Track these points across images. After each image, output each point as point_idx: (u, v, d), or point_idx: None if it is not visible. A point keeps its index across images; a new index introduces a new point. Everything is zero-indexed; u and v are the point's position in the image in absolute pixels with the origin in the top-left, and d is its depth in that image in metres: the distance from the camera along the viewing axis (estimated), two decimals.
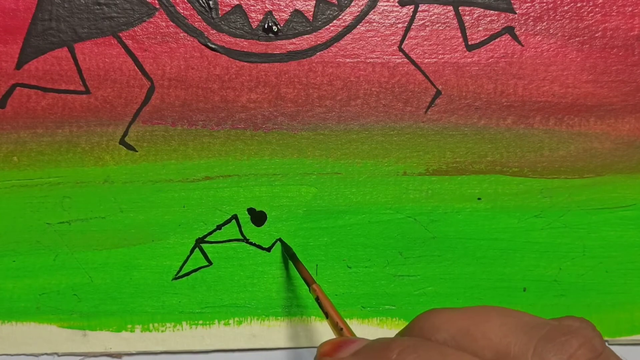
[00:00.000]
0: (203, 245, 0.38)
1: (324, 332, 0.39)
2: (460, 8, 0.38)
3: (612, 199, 0.39)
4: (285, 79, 0.37)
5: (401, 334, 0.27)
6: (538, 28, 0.38)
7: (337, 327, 0.30)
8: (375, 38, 0.38)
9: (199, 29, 0.37)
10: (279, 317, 0.38)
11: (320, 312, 0.38)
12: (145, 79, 0.37)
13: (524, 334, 0.24)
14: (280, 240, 0.38)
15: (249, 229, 0.38)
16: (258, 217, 0.38)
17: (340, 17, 0.37)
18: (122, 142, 0.37)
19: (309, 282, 0.34)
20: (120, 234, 0.37)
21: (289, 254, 0.37)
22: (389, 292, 0.39)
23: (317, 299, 0.33)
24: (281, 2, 0.37)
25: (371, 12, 0.37)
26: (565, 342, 0.23)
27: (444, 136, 0.38)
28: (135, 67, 0.37)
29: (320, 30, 0.37)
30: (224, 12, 0.37)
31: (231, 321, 0.38)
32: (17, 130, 0.36)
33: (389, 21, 0.38)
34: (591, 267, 0.40)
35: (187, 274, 0.38)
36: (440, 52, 0.38)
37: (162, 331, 0.38)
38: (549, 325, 0.24)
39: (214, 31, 0.37)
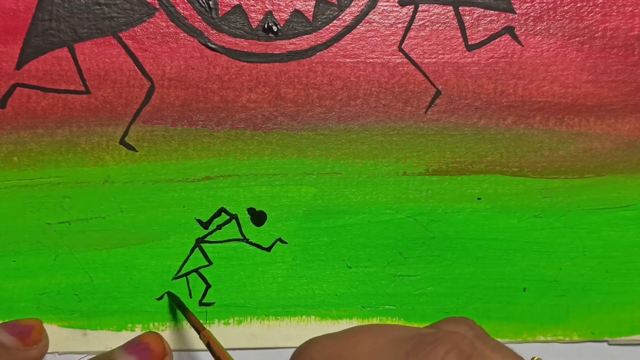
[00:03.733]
0: (203, 245, 0.38)
1: (323, 332, 0.39)
2: (460, 8, 0.38)
3: (612, 199, 0.39)
4: (285, 79, 0.37)
5: None
6: (538, 28, 0.38)
7: None
8: (375, 38, 0.38)
9: (199, 29, 0.37)
10: (279, 317, 0.39)
11: (320, 312, 0.39)
12: (145, 79, 0.37)
13: (394, 350, 0.24)
14: (168, 293, 0.38)
15: (249, 229, 0.38)
16: (258, 217, 0.38)
17: (340, 17, 0.37)
18: (122, 142, 0.37)
19: (199, 329, 0.34)
20: (121, 234, 0.37)
21: (176, 304, 0.37)
22: (389, 292, 0.39)
23: (208, 345, 0.33)
24: (281, 2, 0.37)
25: (371, 12, 0.37)
26: (431, 350, 0.23)
27: (444, 136, 0.38)
28: (135, 67, 0.37)
29: (320, 30, 0.37)
30: (224, 12, 0.37)
31: (231, 321, 0.38)
32: (17, 130, 0.36)
33: (389, 21, 0.38)
34: (591, 267, 0.40)
35: (187, 274, 0.38)
36: (440, 52, 0.38)
37: (162, 330, 0.38)
38: (417, 337, 0.24)
39: (214, 31, 0.37)
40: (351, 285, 0.39)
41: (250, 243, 0.38)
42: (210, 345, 0.32)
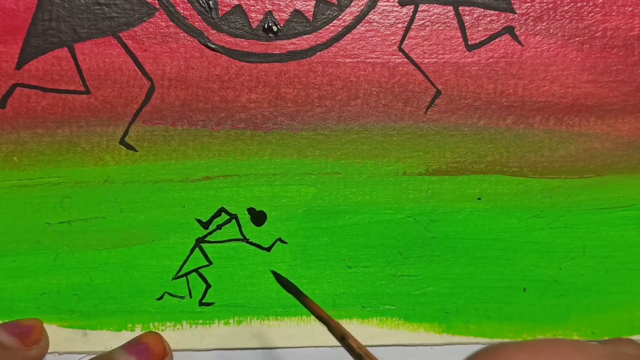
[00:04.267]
0: (203, 245, 0.38)
1: (323, 331, 0.39)
2: (460, 8, 0.38)
3: (612, 199, 0.39)
4: (285, 79, 0.37)
5: None
6: (538, 28, 0.38)
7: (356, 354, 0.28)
8: (375, 38, 0.38)
9: (199, 29, 0.37)
10: (279, 317, 0.39)
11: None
12: (145, 79, 0.37)
13: None
14: (281, 278, 0.34)
15: (249, 229, 0.38)
16: (258, 217, 0.38)
17: (340, 17, 0.37)
18: (122, 142, 0.37)
19: (326, 320, 0.30)
20: (121, 233, 0.37)
21: (294, 294, 0.33)
22: (389, 292, 0.39)
23: (342, 339, 0.29)
24: (281, 2, 0.37)
25: (371, 12, 0.37)
26: None
27: (444, 136, 0.38)
28: (135, 67, 0.37)
29: (320, 30, 0.37)
30: (224, 12, 0.37)
31: (231, 321, 0.38)
32: (17, 130, 0.36)
33: (389, 21, 0.38)
34: (591, 267, 0.40)
35: (187, 274, 0.38)
36: (440, 52, 0.38)
37: (162, 330, 0.38)
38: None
39: (214, 31, 0.37)
40: (351, 285, 0.39)
41: (250, 243, 0.38)
42: (346, 339, 0.28)
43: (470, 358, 0.25)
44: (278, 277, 0.34)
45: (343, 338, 0.28)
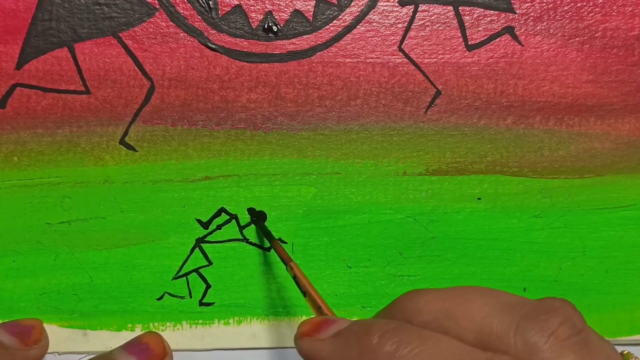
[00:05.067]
0: (203, 245, 0.38)
1: None
2: (460, 8, 0.38)
3: (612, 199, 0.39)
4: (285, 79, 0.37)
5: (383, 314, 0.27)
6: (538, 28, 0.38)
7: (316, 306, 0.30)
8: (375, 38, 0.38)
9: (199, 29, 0.37)
10: (279, 317, 0.39)
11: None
12: (145, 79, 0.37)
13: (506, 313, 0.24)
14: (255, 222, 0.37)
15: (249, 229, 0.38)
16: (258, 217, 0.38)
17: (340, 17, 0.37)
18: (122, 142, 0.37)
19: (285, 260, 0.34)
20: (121, 234, 0.37)
21: (264, 233, 0.37)
22: (389, 292, 0.39)
23: (295, 277, 0.32)
24: (281, 2, 0.37)
25: (371, 12, 0.37)
26: (547, 320, 0.23)
27: (444, 136, 0.38)
28: (135, 67, 0.37)
29: (320, 30, 0.37)
30: (224, 12, 0.37)
31: (231, 321, 0.38)
32: (17, 130, 0.36)
33: (389, 21, 0.38)
34: (591, 267, 0.40)
35: (187, 274, 0.38)
36: (440, 52, 0.38)
37: (162, 330, 0.38)
38: (530, 304, 0.24)
39: (214, 31, 0.37)
40: (351, 285, 0.39)
41: (250, 243, 0.38)
42: (297, 277, 0.32)
43: (392, 301, 0.26)
44: (258, 224, 0.37)
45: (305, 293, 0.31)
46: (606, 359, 0.23)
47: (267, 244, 0.38)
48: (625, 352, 0.26)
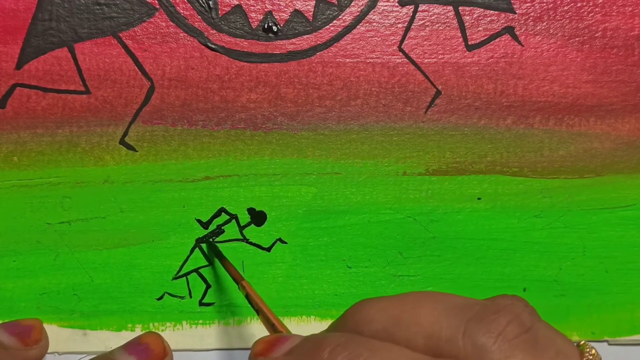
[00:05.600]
0: (203, 245, 0.38)
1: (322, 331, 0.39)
2: (460, 8, 0.38)
3: (612, 199, 0.39)
4: (285, 79, 0.37)
5: (334, 326, 0.27)
6: (538, 28, 0.38)
7: (270, 323, 0.31)
8: (375, 38, 0.38)
9: (199, 29, 0.37)
10: (279, 317, 0.38)
11: (320, 311, 0.39)
12: (145, 79, 0.37)
13: (454, 316, 0.24)
14: (206, 241, 0.38)
15: (249, 229, 0.38)
16: (258, 217, 0.38)
17: (340, 17, 0.37)
18: (122, 142, 0.37)
19: (237, 279, 0.34)
20: (121, 234, 0.37)
21: (215, 253, 0.37)
22: (389, 292, 0.39)
23: (247, 296, 0.33)
24: (281, 2, 0.37)
25: (371, 12, 0.37)
26: (494, 320, 0.23)
27: (444, 136, 0.38)
28: (135, 67, 0.37)
29: (320, 30, 0.37)
30: (224, 12, 0.37)
31: (231, 321, 0.38)
32: (17, 130, 0.36)
33: (389, 21, 0.38)
34: (591, 267, 0.40)
35: (187, 274, 0.38)
36: (440, 52, 0.38)
37: (162, 330, 0.38)
38: (478, 305, 0.24)
39: (214, 31, 0.37)
40: (351, 285, 0.39)
41: (250, 243, 0.38)
42: (249, 296, 0.32)
43: (343, 313, 0.26)
44: (209, 244, 0.38)
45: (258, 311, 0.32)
46: (557, 354, 0.23)
47: (267, 244, 0.38)
48: (582, 343, 0.26)
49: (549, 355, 0.23)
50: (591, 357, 0.25)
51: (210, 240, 0.38)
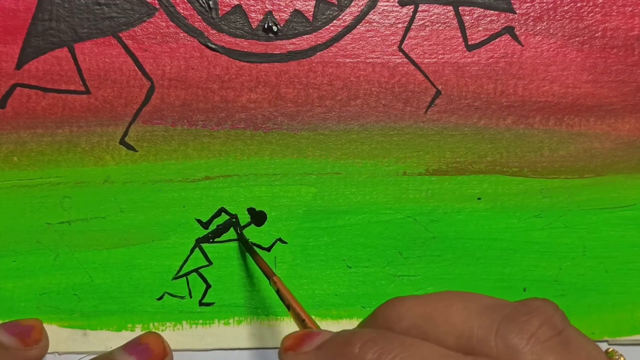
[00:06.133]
0: (203, 245, 0.38)
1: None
2: (460, 8, 0.38)
3: (612, 199, 0.39)
4: (285, 79, 0.37)
5: (365, 323, 0.27)
6: (538, 28, 0.38)
7: (300, 319, 0.30)
8: (375, 38, 0.38)
9: (199, 29, 0.37)
10: (279, 317, 0.39)
11: (320, 311, 0.39)
12: (145, 79, 0.37)
13: (486, 316, 0.24)
14: (237, 232, 0.38)
15: (249, 229, 0.38)
16: (258, 217, 0.38)
17: (340, 17, 0.37)
18: (122, 142, 0.37)
19: (268, 274, 0.34)
20: (121, 234, 0.37)
21: (247, 247, 0.37)
22: (389, 292, 0.39)
23: (278, 292, 0.33)
24: (281, 2, 0.37)
25: (371, 12, 0.37)
26: (527, 321, 0.23)
27: (444, 136, 0.38)
28: (135, 67, 0.37)
29: (320, 30, 0.37)
30: (224, 12, 0.37)
31: (231, 321, 0.38)
32: (17, 130, 0.36)
33: (389, 21, 0.38)
34: (591, 267, 0.40)
35: (187, 274, 0.38)
36: (440, 52, 0.38)
37: (162, 330, 0.38)
38: (510, 306, 0.24)
39: (214, 31, 0.37)
40: (351, 285, 0.39)
41: (251, 243, 0.38)
42: (280, 291, 0.32)
43: (374, 310, 0.26)
44: (241, 237, 0.38)
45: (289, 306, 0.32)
46: (588, 359, 0.23)
47: (267, 244, 0.38)
48: (610, 350, 0.26)
49: (580, 359, 0.23)
50: None
51: (241, 234, 0.38)
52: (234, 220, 0.37)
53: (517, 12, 0.38)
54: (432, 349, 0.23)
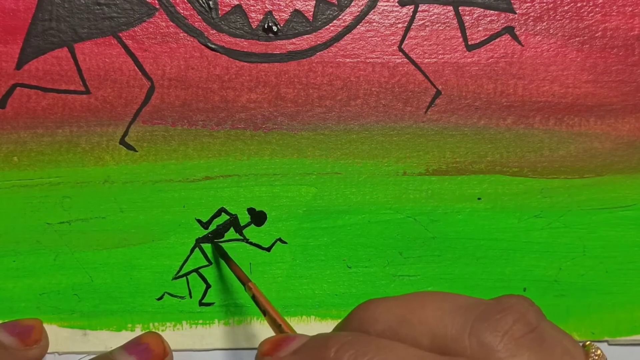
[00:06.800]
0: (203, 245, 0.38)
1: (323, 331, 0.39)
2: (460, 8, 0.38)
3: (612, 199, 0.39)
4: (285, 79, 0.37)
5: (341, 326, 0.27)
6: (538, 28, 0.38)
7: (276, 324, 0.31)
8: (375, 38, 0.38)
9: (199, 29, 0.37)
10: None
11: (320, 311, 0.39)
12: (145, 79, 0.37)
13: (460, 315, 0.24)
14: (212, 242, 0.38)
15: (249, 229, 0.38)
16: (258, 217, 0.38)
17: (340, 17, 0.37)
18: (122, 142, 0.37)
19: (243, 280, 0.34)
20: (121, 234, 0.37)
21: (220, 254, 0.37)
22: (389, 292, 0.39)
23: (254, 297, 0.33)
24: (281, 2, 0.37)
25: (371, 12, 0.38)
26: (500, 319, 0.23)
27: (444, 136, 0.38)
28: (135, 67, 0.37)
29: (320, 30, 0.37)
30: (224, 12, 0.37)
31: (231, 321, 0.38)
32: (17, 130, 0.36)
33: (389, 21, 0.38)
34: (591, 267, 0.40)
35: (187, 274, 0.38)
36: (440, 52, 0.38)
37: (162, 330, 0.38)
38: (484, 304, 0.24)
39: (214, 31, 0.37)
40: (351, 285, 0.39)
41: (250, 243, 0.38)
42: (256, 297, 0.33)
43: (349, 313, 0.27)
44: (215, 245, 0.38)
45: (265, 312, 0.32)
46: (563, 354, 0.23)
47: (267, 244, 0.38)
48: (587, 344, 0.26)
49: (555, 354, 0.23)
50: (597, 357, 0.25)
51: (215, 241, 0.38)
52: (231, 220, 0.37)
53: (517, 12, 0.38)
54: (407, 350, 0.23)
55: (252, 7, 0.37)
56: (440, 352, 0.23)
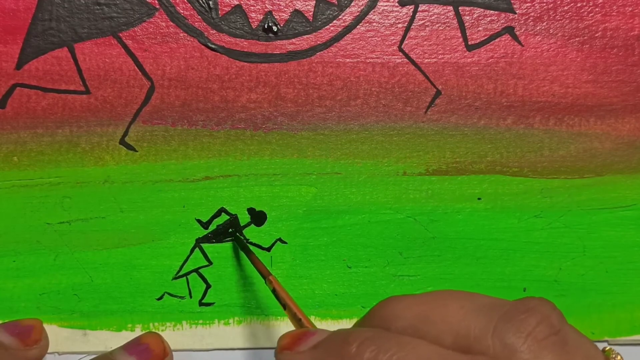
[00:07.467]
0: (203, 245, 0.38)
1: None
2: (460, 8, 0.38)
3: (612, 199, 0.39)
4: (285, 79, 0.37)
5: (361, 323, 0.27)
6: (538, 28, 0.38)
7: (296, 318, 0.30)
8: (375, 38, 0.38)
9: (199, 29, 0.37)
10: (279, 317, 0.39)
11: (320, 311, 0.39)
12: (145, 79, 0.37)
13: (483, 315, 0.24)
14: (234, 235, 0.38)
15: (249, 229, 0.38)
16: (258, 217, 0.38)
17: (340, 17, 0.37)
18: (122, 142, 0.37)
19: (264, 274, 0.34)
20: (121, 234, 0.37)
21: (241, 246, 0.37)
22: (389, 292, 0.39)
23: (274, 291, 0.33)
24: (281, 2, 0.37)
25: (371, 12, 0.37)
26: (524, 320, 0.23)
27: (444, 136, 0.38)
28: (135, 67, 0.37)
29: (320, 30, 0.37)
30: (224, 12, 0.37)
31: (231, 321, 0.38)
32: (17, 130, 0.36)
33: (389, 21, 0.38)
34: (591, 267, 0.40)
35: (187, 274, 0.38)
36: (440, 52, 0.38)
37: (162, 330, 0.38)
38: (507, 305, 0.24)
39: (214, 31, 0.37)
40: (351, 285, 0.39)
41: (250, 243, 0.38)
42: (276, 291, 0.32)
43: (370, 309, 0.26)
44: (237, 238, 0.38)
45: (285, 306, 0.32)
46: (585, 358, 0.23)
47: (267, 244, 0.38)
48: (607, 349, 0.26)
49: (578, 358, 0.23)
50: None
51: (237, 234, 0.38)
52: (232, 220, 0.37)
53: (517, 12, 0.38)
54: (429, 347, 0.23)
55: (252, 7, 0.37)
56: (462, 351, 0.23)
